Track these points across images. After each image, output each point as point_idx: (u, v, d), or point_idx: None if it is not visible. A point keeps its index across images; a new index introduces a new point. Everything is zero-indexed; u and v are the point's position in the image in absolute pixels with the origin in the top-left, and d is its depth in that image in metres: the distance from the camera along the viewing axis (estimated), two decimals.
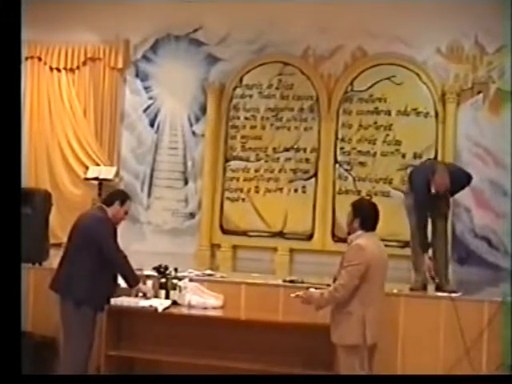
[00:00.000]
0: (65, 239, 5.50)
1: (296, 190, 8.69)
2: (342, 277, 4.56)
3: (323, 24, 8.56)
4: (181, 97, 9.13)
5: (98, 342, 5.69)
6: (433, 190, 6.08)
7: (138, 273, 6.07)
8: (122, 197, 5.44)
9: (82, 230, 5.25)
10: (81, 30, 9.19)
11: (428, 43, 8.40)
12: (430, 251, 6.31)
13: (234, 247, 8.78)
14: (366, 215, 4.72)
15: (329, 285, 4.76)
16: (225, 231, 8.85)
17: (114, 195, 5.49)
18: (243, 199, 8.82)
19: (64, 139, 9.27)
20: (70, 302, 5.16)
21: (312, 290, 4.83)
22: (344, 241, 5.24)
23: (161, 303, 5.71)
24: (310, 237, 8.54)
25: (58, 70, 9.36)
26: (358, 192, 8.36)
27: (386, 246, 7.92)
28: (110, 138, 9.24)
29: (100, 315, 5.50)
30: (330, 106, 8.63)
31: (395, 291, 5.77)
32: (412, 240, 6.44)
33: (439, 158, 8.16)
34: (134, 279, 5.34)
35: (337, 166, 8.58)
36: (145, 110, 9.24)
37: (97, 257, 5.13)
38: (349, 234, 4.82)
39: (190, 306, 5.79)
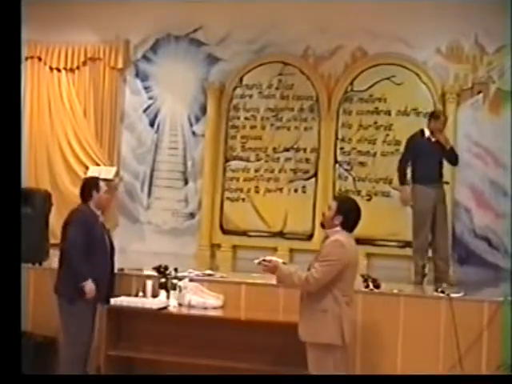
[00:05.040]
0: None
1: (296, 190, 8.68)
2: (317, 271, 4.45)
3: (323, 24, 8.55)
4: (181, 97, 9.12)
5: (98, 342, 5.70)
6: (427, 133, 6.62)
7: (137, 273, 6.12)
8: (94, 183, 5.54)
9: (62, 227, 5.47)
10: (81, 29, 9.19)
11: (428, 43, 8.39)
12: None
13: (234, 247, 8.77)
14: (350, 216, 4.60)
15: None
16: (225, 231, 8.84)
17: (86, 187, 5.54)
18: (243, 199, 8.81)
19: (64, 139, 9.27)
20: (62, 298, 5.30)
21: (280, 261, 4.64)
22: None
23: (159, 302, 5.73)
24: (310, 237, 8.53)
25: (58, 69, 9.36)
26: (358, 192, 8.36)
27: (386, 246, 8.17)
28: (110, 138, 9.24)
29: (100, 310, 5.56)
30: (329, 106, 8.62)
31: (395, 291, 5.77)
32: (414, 237, 6.53)
33: None
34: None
35: (337, 166, 8.58)
36: (145, 110, 9.24)
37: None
38: (323, 225, 4.72)
39: (189, 306, 5.79)
